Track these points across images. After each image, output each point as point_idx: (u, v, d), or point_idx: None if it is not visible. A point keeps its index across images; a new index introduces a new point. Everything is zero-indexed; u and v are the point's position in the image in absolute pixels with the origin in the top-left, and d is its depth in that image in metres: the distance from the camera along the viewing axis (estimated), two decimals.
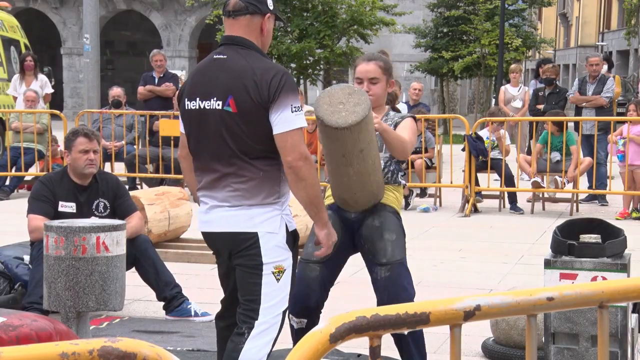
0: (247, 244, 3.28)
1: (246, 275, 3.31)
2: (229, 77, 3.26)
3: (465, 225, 9.37)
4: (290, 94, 3.21)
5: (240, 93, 3.23)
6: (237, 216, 3.28)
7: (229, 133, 3.25)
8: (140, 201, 6.77)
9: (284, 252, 3.31)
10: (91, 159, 5.31)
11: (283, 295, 3.33)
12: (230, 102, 3.24)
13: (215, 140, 3.29)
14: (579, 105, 11.10)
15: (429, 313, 1.73)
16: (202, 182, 3.38)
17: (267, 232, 3.28)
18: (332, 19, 17.89)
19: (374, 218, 4.01)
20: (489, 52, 23.32)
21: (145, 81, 12.29)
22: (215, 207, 3.33)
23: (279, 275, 3.30)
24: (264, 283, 3.28)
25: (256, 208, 3.27)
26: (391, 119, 4.11)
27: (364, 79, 3.98)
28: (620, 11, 44.58)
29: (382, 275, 3.98)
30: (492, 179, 10.80)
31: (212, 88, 3.29)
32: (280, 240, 3.30)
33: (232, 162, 3.27)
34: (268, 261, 3.28)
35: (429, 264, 7.16)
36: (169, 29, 28.71)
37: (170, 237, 7.32)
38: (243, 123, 3.23)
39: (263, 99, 3.20)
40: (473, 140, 10.09)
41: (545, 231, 8.64)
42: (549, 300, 1.84)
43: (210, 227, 3.36)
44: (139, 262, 5.43)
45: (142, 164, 11.13)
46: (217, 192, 3.32)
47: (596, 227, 4.28)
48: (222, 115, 3.26)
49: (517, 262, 7.37)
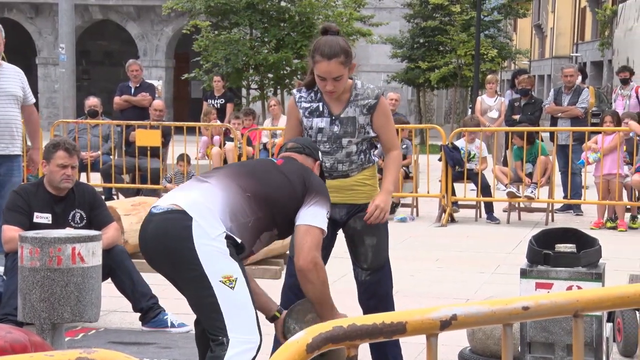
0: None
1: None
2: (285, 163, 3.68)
3: (442, 234, 9.40)
4: (325, 202, 3.57)
5: (290, 170, 3.62)
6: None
7: (260, 170, 3.61)
8: (116, 212, 6.74)
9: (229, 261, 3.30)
10: (68, 175, 5.29)
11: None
12: (278, 161, 3.60)
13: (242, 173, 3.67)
14: (555, 116, 11.19)
15: (405, 323, 1.74)
16: None
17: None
18: (309, 29, 17.92)
19: (355, 219, 4.08)
20: (465, 63, 23.45)
21: (122, 91, 12.24)
22: None
23: (232, 284, 3.27)
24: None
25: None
26: (362, 97, 4.05)
27: (328, 78, 3.94)
28: (594, 23, 45.00)
29: (362, 278, 4.11)
30: (468, 188, 10.85)
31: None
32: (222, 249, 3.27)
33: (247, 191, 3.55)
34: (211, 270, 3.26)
35: (406, 274, 7.17)
36: (145, 39, 28.64)
37: None
38: (276, 175, 3.59)
39: (302, 192, 3.53)
40: (449, 150, 10.14)
41: (521, 241, 8.69)
42: (525, 310, 1.86)
43: None
44: (115, 272, 5.40)
45: (118, 174, 11.08)
46: None
47: (571, 237, 4.31)
48: (265, 160, 3.81)
49: (493, 271, 7.40)
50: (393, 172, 4.08)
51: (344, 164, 4.06)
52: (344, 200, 4.08)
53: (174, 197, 3.37)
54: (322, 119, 4.05)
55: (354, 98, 4.05)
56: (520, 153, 10.29)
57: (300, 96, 4.10)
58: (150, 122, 11.14)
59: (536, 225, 9.95)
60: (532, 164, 10.28)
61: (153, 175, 10.91)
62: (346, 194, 4.08)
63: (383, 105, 4.06)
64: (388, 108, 4.11)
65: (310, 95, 4.09)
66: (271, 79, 18.20)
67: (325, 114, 4.05)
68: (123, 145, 11.26)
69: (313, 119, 4.04)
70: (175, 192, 3.44)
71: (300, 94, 4.11)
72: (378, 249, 4.11)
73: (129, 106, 12.09)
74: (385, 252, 4.15)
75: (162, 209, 3.33)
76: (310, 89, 4.09)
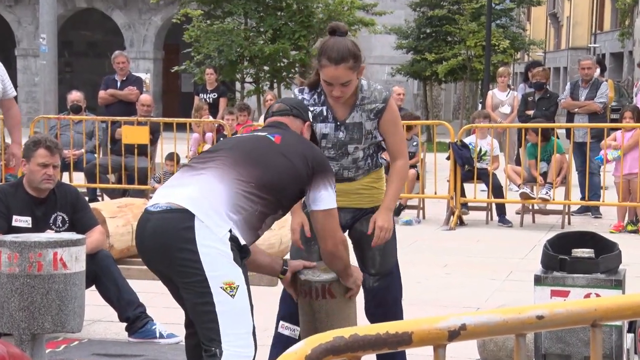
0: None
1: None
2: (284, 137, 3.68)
3: (450, 238, 9.40)
4: (330, 174, 3.65)
5: (290, 142, 3.66)
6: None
7: (258, 151, 3.66)
8: (101, 214, 6.74)
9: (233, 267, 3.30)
10: (49, 174, 5.28)
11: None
12: (276, 137, 3.62)
13: (240, 155, 3.68)
14: (571, 111, 11.19)
15: (411, 333, 1.74)
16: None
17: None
18: (307, 19, 17.93)
19: (361, 222, 4.14)
20: (474, 54, 23.47)
21: (107, 85, 12.23)
22: None
23: (232, 292, 3.28)
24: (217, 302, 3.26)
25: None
26: (369, 101, 4.04)
27: (335, 83, 3.92)
28: (613, 11, 45.03)
29: (370, 285, 4.16)
30: (478, 189, 10.85)
31: (263, 128, 3.82)
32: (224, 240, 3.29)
33: (242, 179, 3.57)
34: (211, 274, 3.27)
35: (412, 281, 7.17)
36: (132, 29, 28.64)
37: (134, 253, 7.27)
38: (275, 154, 3.60)
39: (309, 165, 3.63)
40: (458, 148, 10.14)
41: (535, 245, 8.69)
42: (539, 319, 1.85)
43: None
44: (99, 279, 5.40)
45: (103, 173, 11.08)
46: None
47: (589, 241, 4.31)
48: (261, 138, 3.62)
49: (505, 278, 7.40)
50: (396, 186, 4.08)
51: (350, 170, 4.10)
52: (350, 204, 4.12)
53: (171, 194, 3.36)
54: (326, 124, 4.04)
55: (360, 102, 4.03)
56: (535, 151, 10.29)
57: (302, 98, 4.06)
58: (138, 118, 11.14)
59: (551, 228, 9.95)
60: (547, 162, 10.28)
61: (140, 175, 10.91)
62: (352, 197, 4.12)
63: (391, 109, 4.05)
64: (397, 112, 4.10)
65: (314, 98, 4.06)
66: (267, 71, 18.21)
67: (329, 119, 4.04)
68: (108, 142, 11.26)
69: (316, 124, 4.02)
70: (172, 188, 3.42)
71: (302, 96, 4.07)
72: (386, 252, 4.16)
73: (114, 101, 12.08)
74: (393, 256, 4.20)
75: (160, 207, 3.32)
76: (314, 90, 4.06)
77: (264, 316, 5.59)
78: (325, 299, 3.86)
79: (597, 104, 11.00)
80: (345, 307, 3.90)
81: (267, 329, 5.34)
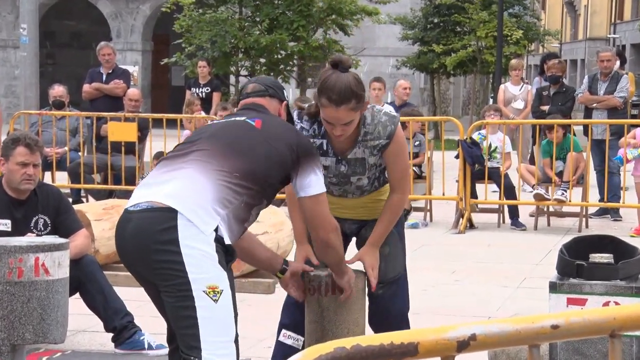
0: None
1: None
2: (263, 116, 3.70)
3: (459, 243, 9.40)
4: (316, 157, 3.71)
5: (271, 125, 3.70)
6: None
7: (236, 140, 3.65)
8: (86, 216, 6.74)
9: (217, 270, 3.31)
10: (29, 174, 5.29)
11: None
12: (257, 121, 3.60)
13: (222, 142, 3.67)
14: (589, 107, 11.19)
15: (417, 343, 1.74)
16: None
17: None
18: (306, 8, 17.92)
19: (366, 229, 4.18)
20: (485, 46, 23.47)
21: (92, 78, 12.24)
22: None
23: (215, 296, 3.29)
24: (199, 306, 3.26)
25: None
26: (372, 137, 4.01)
27: (336, 124, 3.88)
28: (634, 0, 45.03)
29: (375, 293, 4.16)
30: (490, 190, 10.86)
31: (241, 113, 3.79)
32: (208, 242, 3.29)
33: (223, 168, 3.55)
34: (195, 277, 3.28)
35: (418, 288, 7.18)
36: (119, 18, 28.65)
37: None
38: (256, 140, 3.61)
39: (294, 150, 3.64)
40: (468, 146, 10.14)
41: (550, 250, 8.70)
42: (554, 329, 1.86)
43: None
44: (84, 286, 5.40)
45: (88, 173, 11.08)
46: None
47: (608, 246, 4.31)
48: (241, 124, 3.68)
49: (518, 285, 7.40)
50: (387, 223, 4.09)
51: (354, 194, 4.16)
52: (355, 216, 4.20)
53: (152, 192, 3.35)
54: (326, 158, 4.05)
55: (362, 137, 4.02)
56: (550, 149, 10.28)
57: (301, 127, 4.04)
58: (125, 114, 11.14)
59: (568, 232, 9.95)
60: (563, 161, 10.28)
61: (128, 174, 10.91)
62: (357, 210, 4.19)
63: (397, 142, 4.03)
64: (402, 144, 4.08)
65: (313, 128, 4.05)
66: (263, 64, 18.20)
67: (330, 153, 4.06)
68: (93, 140, 11.26)
69: None
70: (152, 186, 3.40)
71: (301, 124, 4.06)
72: (392, 258, 4.18)
73: (100, 95, 12.08)
74: (400, 263, 4.23)
75: (140, 207, 3.33)
76: (314, 119, 4.04)
77: (261, 326, 5.59)
78: (335, 294, 3.93)
79: (617, 98, 11.00)
80: (354, 306, 3.97)
81: (263, 340, 5.35)
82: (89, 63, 23.55)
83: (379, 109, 4.10)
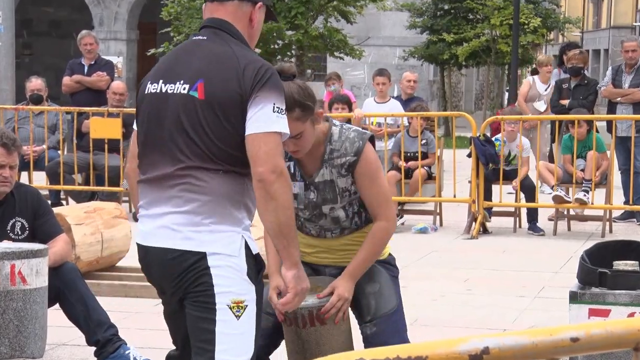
0: (193, 269, 3.26)
1: (194, 314, 3.29)
2: (204, 59, 3.35)
3: (472, 249, 9.41)
4: (275, 90, 3.29)
5: (213, 78, 3.30)
6: (179, 230, 3.27)
7: (189, 123, 3.28)
8: (66, 220, 6.75)
9: (242, 282, 3.28)
10: (5, 176, 5.29)
11: (246, 339, 3.31)
12: (199, 86, 3.30)
13: (170, 131, 3.31)
14: (613, 101, 11.20)
15: (425, 357, 1.75)
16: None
17: (217, 252, 3.26)
18: None
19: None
20: (500, 35, 23.49)
21: (72, 70, 12.24)
22: (156, 216, 3.31)
23: (239, 311, 3.28)
24: (219, 320, 3.26)
25: (206, 227, 3.27)
26: (339, 154, 3.93)
27: (287, 139, 3.68)
28: None
29: (367, 333, 4.03)
30: (505, 191, 10.86)
31: (181, 70, 3.37)
32: (239, 265, 3.28)
33: (185, 161, 3.27)
34: (221, 291, 3.25)
35: (427, 298, 7.19)
36: (101, 5, 28.67)
37: (104, 265, 7.28)
38: (209, 114, 3.26)
39: (243, 89, 3.25)
40: (481, 143, 10.15)
41: (571, 257, 8.71)
42: (574, 342, 1.86)
43: (147, 239, 3.34)
44: (64, 296, 5.40)
45: (68, 173, 11.09)
46: (162, 194, 3.31)
47: (633, 252, 4.32)
48: (185, 101, 3.30)
49: (536, 295, 7.41)
50: (368, 252, 3.94)
51: (333, 232, 4.03)
52: (335, 261, 4.06)
53: (159, 234, 3.30)
54: (294, 183, 3.94)
55: (328, 156, 3.95)
56: (572, 144, 10.26)
57: None
58: (108, 109, 11.15)
59: (590, 237, 9.96)
60: (585, 160, 10.28)
61: (111, 174, 10.92)
62: (337, 254, 4.06)
63: (366, 159, 3.92)
64: (373, 163, 3.96)
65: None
66: (259, 54, 18.20)
67: (297, 176, 3.98)
68: (74, 137, 11.27)
69: None
70: (153, 223, 3.33)
71: None
72: (381, 294, 4.05)
73: (81, 89, 12.09)
74: (392, 297, 4.05)
75: (158, 249, 3.30)
76: None
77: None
78: (314, 326, 3.82)
79: None
80: (337, 332, 3.88)
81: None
82: (70, 54, 23.57)
83: (348, 127, 4.02)
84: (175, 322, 3.45)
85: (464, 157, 10.85)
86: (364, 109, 11.45)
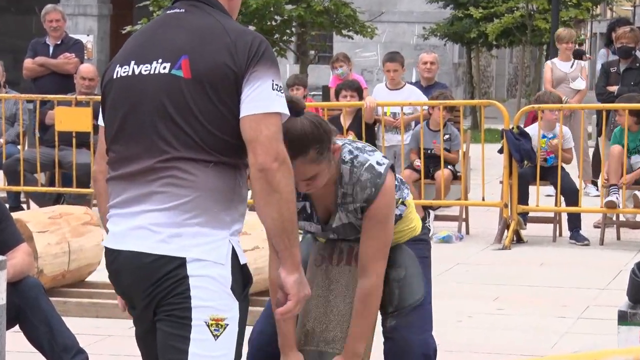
0: (169, 278, 3.23)
1: (165, 330, 3.26)
2: (187, 33, 3.31)
3: (503, 261, 9.41)
4: (273, 66, 3.29)
5: (200, 53, 3.26)
6: (158, 232, 3.24)
7: (174, 107, 3.25)
8: (27, 228, 6.75)
9: (225, 297, 3.27)
10: None
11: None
12: (183, 63, 3.27)
13: (151, 118, 3.26)
14: None
15: None
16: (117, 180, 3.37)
17: (198, 258, 3.24)
18: None
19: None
20: (538, 9, 23.48)
21: (35, 51, 12.25)
22: (131, 215, 3.28)
23: (218, 330, 3.26)
24: (193, 339, 3.24)
25: (190, 228, 3.25)
26: (351, 199, 4.13)
27: (297, 180, 3.82)
28: None
29: (387, 325, 4.20)
30: (543, 194, 10.86)
31: (157, 48, 3.33)
32: (222, 276, 3.26)
33: (170, 151, 3.24)
34: (199, 305, 3.22)
35: (452, 319, 7.19)
36: None
37: (72, 280, 7.28)
38: (199, 95, 3.23)
39: (237, 65, 3.23)
40: (515, 137, 10.13)
41: (620, 270, 8.71)
42: None
43: (118, 242, 3.31)
44: (25, 316, 5.41)
45: (29, 172, 11.10)
46: (138, 191, 3.29)
47: None
48: (167, 82, 3.27)
49: (579, 315, 7.41)
50: (364, 319, 4.11)
51: (356, 242, 4.25)
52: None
53: (133, 235, 3.28)
54: (311, 224, 4.24)
55: (342, 200, 4.15)
56: (623, 138, 10.22)
57: None
58: (77, 96, 11.15)
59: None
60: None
61: (80, 173, 10.92)
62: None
63: (377, 207, 4.12)
64: (384, 207, 4.13)
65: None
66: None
67: (314, 219, 4.22)
68: (37, 130, 11.28)
69: (299, 221, 4.07)
70: (126, 223, 3.31)
71: None
72: (410, 281, 4.21)
73: (45, 73, 12.09)
74: (421, 285, 4.24)
75: (130, 253, 3.28)
76: None
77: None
78: (349, 265, 3.98)
79: None
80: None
81: None
82: (31, 32, 23.59)
83: (361, 162, 4.10)
84: (149, 345, 3.40)
85: (495, 154, 10.84)
86: (374, 96, 11.33)
